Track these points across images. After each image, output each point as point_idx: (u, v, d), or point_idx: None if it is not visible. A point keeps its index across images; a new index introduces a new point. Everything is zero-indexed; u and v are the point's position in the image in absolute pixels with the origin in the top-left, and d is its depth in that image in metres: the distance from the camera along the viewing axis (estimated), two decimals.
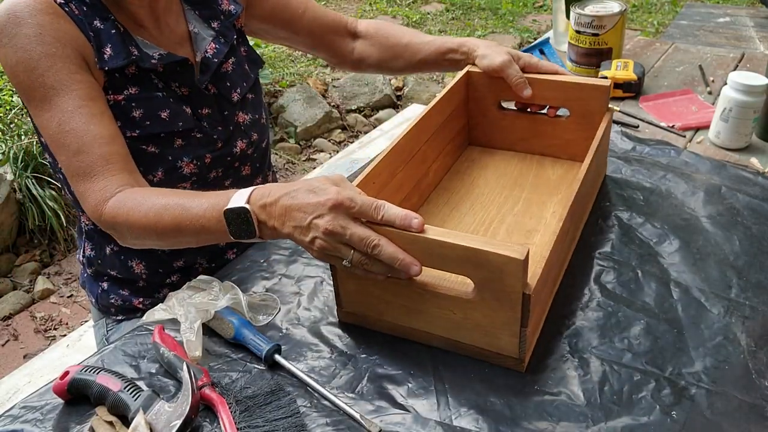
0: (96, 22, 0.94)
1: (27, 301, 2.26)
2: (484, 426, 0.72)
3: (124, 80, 0.97)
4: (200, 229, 0.82)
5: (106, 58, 0.94)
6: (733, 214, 1.03)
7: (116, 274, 1.12)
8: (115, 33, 0.95)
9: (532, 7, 4.79)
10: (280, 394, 0.76)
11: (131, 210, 0.86)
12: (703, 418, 0.72)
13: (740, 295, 0.88)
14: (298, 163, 3.02)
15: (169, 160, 1.02)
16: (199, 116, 1.04)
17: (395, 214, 0.73)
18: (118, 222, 0.87)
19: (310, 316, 0.89)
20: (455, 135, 1.16)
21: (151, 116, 0.98)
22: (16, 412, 0.77)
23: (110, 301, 1.14)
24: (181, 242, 0.89)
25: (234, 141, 1.09)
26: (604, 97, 1.04)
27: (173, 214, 0.83)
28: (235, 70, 1.10)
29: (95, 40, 0.93)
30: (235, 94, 1.09)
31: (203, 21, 1.08)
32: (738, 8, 2.55)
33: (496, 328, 0.76)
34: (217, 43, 1.07)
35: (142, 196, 0.87)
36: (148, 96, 0.98)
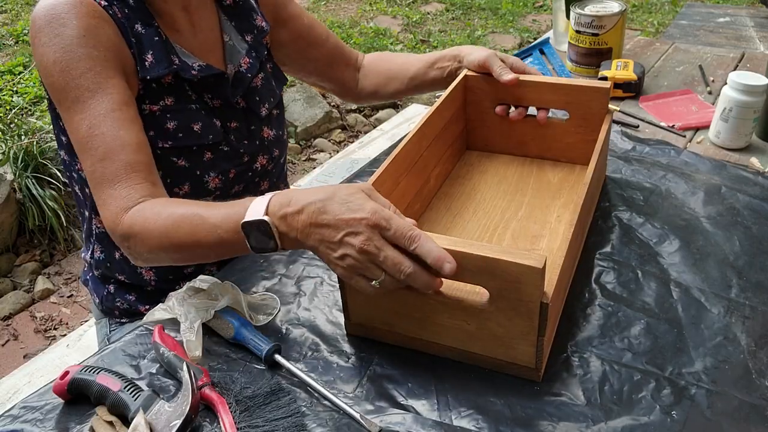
0: (138, 26, 0.93)
1: (27, 301, 2.26)
2: (484, 426, 0.72)
3: (161, 90, 0.96)
4: (218, 241, 0.78)
5: (148, 65, 0.93)
6: (733, 214, 1.03)
7: (125, 279, 1.11)
8: (158, 40, 0.94)
9: (532, 7, 4.79)
10: (280, 394, 0.76)
11: (148, 220, 0.82)
12: (703, 418, 0.72)
13: (740, 294, 0.88)
14: (298, 163, 3.02)
15: (196, 174, 1.02)
16: (227, 129, 1.04)
17: (429, 249, 0.68)
18: (134, 231, 0.83)
19: (310, 316, 0.89)
20: (454, 139, 1.16)
21: (184, 128, 0.98)
22: (16, 412, 0.77)
23: (115, 304, 1.13)
24: (199, 255, 0.84)
25: (257, 156, 1.10)
26: (604, 99, 1.04)
27: (191, 224, 0.79)
28: (264, 86, 1.11)
29: (137, 46, 0.93)
30: (263, 108, 1.09)
31: (238, 33, 1.07)
32: (738, 8, 2.55)
33: (512, 338, 0.74)
34: (251, 57, 1.07)
35: (161, 206, 0.84)
36: (182, 108, 0.98)
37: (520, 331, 0.73)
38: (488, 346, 0.77)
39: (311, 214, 0.70)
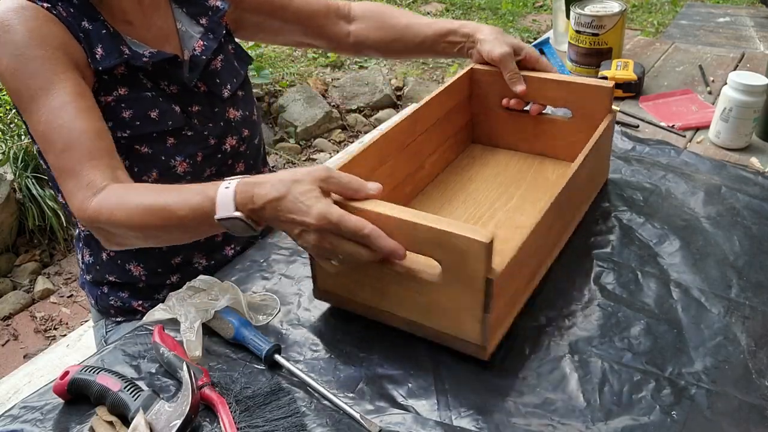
0: (84, 22, 0.94)
1: (27, 301, 2.26)
2: (484, 426, 0.72)
3: (114, 81, 0.97)
4: (192, 230, 0.85)
5: (98, 58, 0.95)
6: (733, 214, 1.03)
7: (115, 278, 1.12)
8: (105, 33, 0.95)
9: (532, 7, 4.79)
10: (280, 394, 0.76)
11: (114, 212, 0.84)
12: (703, 418, 0.72)
13: (740, 295, 0.88)
14: (298, 163, 3.02)
15: (162, 160, 1.02)
16: (189, 114, 1.04)
17: (381, 247, 0.73)
18: (102, 221, 0.85)
19: (310, 316, 0.89)
20: (457, 131, 1.16)
21: (140, 116, 0.98)
22: (16, 412, 0.77)
23: (110, 303, 1.14)
24: (171, 241, 0.92)
25: (225, 138, 1.09)
26: (607, 98, 1.04)
27: (160, 217, 0.82)
28: (225, 67, 1.10)
29: (85, 41, 0.94)
30: (225, 90, 1.09)
31: (191, 18, 1.08)
32: (738, 8, 2.55)
33: (460, 312, 0.76)
34: (206, 40, 1.07)
35: (126, 194, 0.85)
36: (137, 96, 0.98)
37: (467, 306, 0.75)
38: (438, 319, 0.79)
39: (272, 211, 0.75)
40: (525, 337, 0.83)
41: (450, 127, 1.13)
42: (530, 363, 0.79)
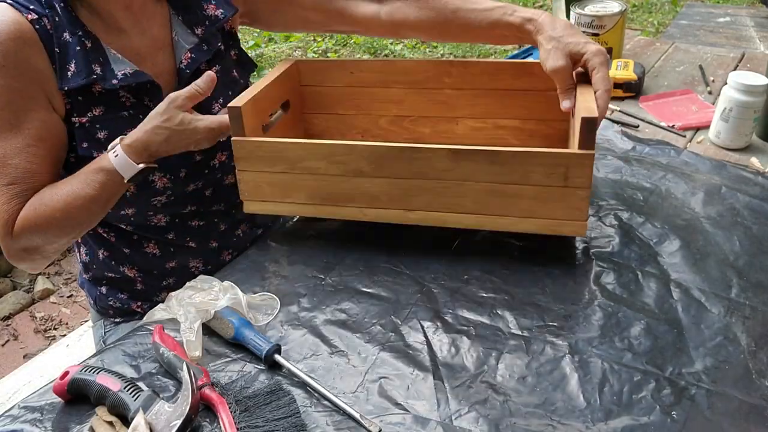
0: (66, 35, 0.93)
1: (27, 301, 2.26)
2: (484, 426, 0.72)
3: (89, 101, 0.96)
4: (104, 201, 0.95)
5: (69, 75, 0.93)
6: (734, 214, 1.03)
7: (113, 276, 1.12)
8: (81, 49, 0.93)
9: (532, 7, 4.78)
10: (280, 394, 0.76)
11: (34, 219, 0.93)
12: (703, 418, 0.72)
13: (740, 294, 0.88)
14: None
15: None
16: None
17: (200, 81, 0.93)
18: (30, 240, 0.94)
19: (310, 316, 0.89)
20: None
21: (116, 136, 0.96)
22: (16, 412, 0.77)
23: (109, 303, 1.14)
24: (92, 221, 0.99)
25: (214, 153, 1.06)
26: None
27: (76, 204, 0.93)
28: (220, 79, 1.04)
29: (60, 57, 0.93)
30: (216, 105, 1.05)
31: (186, 27, 1.04)
32: (738, 8, 2.55)
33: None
34: (195, 52, 1.03)
35: (38, 200, 0.93)
36: (113, 117, 0.97)
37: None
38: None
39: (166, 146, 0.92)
40: (525, 337, 0.83)
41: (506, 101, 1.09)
42: (530, 363, 0.79)
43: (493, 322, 0.86)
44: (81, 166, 0.96)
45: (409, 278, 0.94)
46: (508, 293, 0.90)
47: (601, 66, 0.91)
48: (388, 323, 0.86)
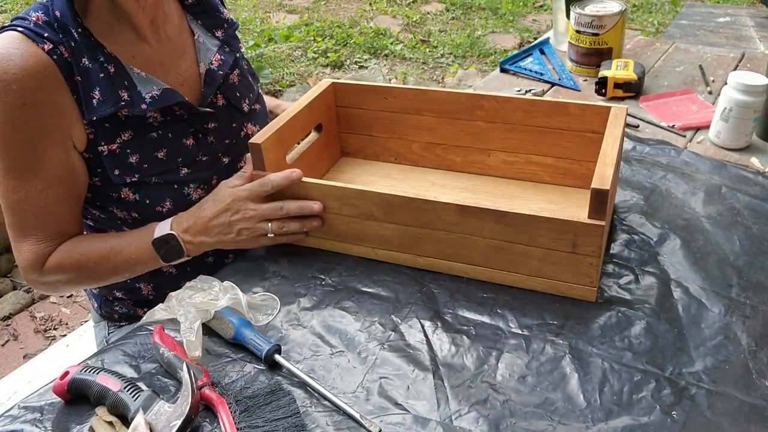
0: (85, 60, 0.91)
1: (27, 301, 2.26)
2: (484, 426, 0.72)
3: (117, 127, 0.94)
4: (133, 265, 0.97)
5: (95, 103, 0.91)
6: (734, 213, 1.03)
7: (122, 295, 1.11)
8: (104, 75, 0.92)
9: (532, 7, 4.78)
10: (280, 394, 0.76)
11: (66, 268, 0.96)
12: (703, 418, 0.72)
13: (741, 294, 0.88)
14: None
15: (175, 189, 1.00)
16: (204, 132, 1.02)
17: (278, 176, 0.93)
18: (59, 278, 0.97)
19: (310, 316, 0.89)
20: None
21: (147, 159, 0.97)
22: (16, 412, 0.77)
23: (114, 309, 1.13)
24: (119, 279, 1.01)
25: (241, 155, 1.07)
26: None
27: (108, 260, 0.96)
28: (242, 82, 1.09)
29: (83, 85, 0.91)
30: (244, 104, 1.08)
31: (207, 30, 1.05)
32: (738, 8, 2.55)
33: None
34: (222, 54, 1.05)
35: (76, 245, 0.97)
36: (142, 140, 0.96)
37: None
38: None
39: (200, 221, 0.94)
40: (525, 337, 0.83)
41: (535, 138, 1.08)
42: (530, 363, 0.79)
43: (493, 322, 0.86)
44: (109, 191, 0.97)
45: (409, 278, 0.94)
46: (508, 293, 0.90)
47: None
48: (388, 323, 0.86)
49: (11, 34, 0.89)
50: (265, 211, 0.93)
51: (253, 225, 0.93)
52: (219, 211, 0.93)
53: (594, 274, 0.84)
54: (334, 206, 0.96)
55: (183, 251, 0.95)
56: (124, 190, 0.97)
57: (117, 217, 1.01)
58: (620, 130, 0.92)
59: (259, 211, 0.93)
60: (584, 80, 1.57)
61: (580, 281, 0.86)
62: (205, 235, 0.94)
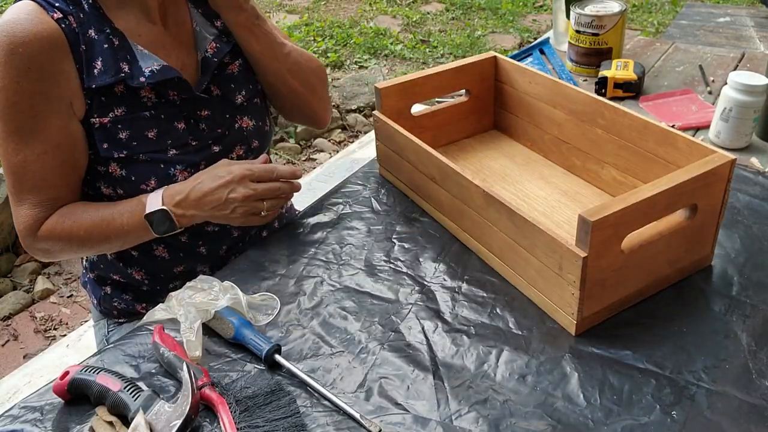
0: (91, 31, 0.94)
1: (27, 301, 2.26)
2: (484, 426, 0.72)
3: (111, 101, 0.96)
4: (126, 234, 0.98)
5: (96, 73, 0.94)
6: (734, 213, 1.03)
7: (119, 278, 1.11)
8: (107, 48, 0.94)
9: (532, 7, 4.78)
10: (280, 394, 0.76)
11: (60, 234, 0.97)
12: (703, 418, 0.72)
13: (741, 293, 0.88)
14: (298, 163, 3.02)
15: (161, 168, 1.00)
16: (197, 119, 1.02)
17: (284, 170, 0.98)
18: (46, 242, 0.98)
19: (310, 316, 0.89)
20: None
21: (137, 137, 0.98)
22: (16, 412, 0.77)
23: (113, 304, 1.13)
24: (111, 249, 1.03)
25: (232, 146, 1.07)
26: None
27: (100, 228, 0.97)
28: (241, 73, 1.08)
29: (86, 54, 0.93)
30: (239, 96, 1.07)
31: (206, 19, 1.06)
32: (738, 8, 2.55)
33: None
34: (219, 42, 1.05)
35: (69, 215, 0.97)
36: (134, 117, 0.97)
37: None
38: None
39: (193, 194, 0.95)
40: (525, 337, 0.83)
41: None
42: (530, 363, 0.79)
43: (493, 322, 0.86)
44: (97, 165, 0.98)
45: (409, 278, 0.94)
46: (508, 293, 0.90)
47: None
48: (388, 323, 0.86)
49: (25, 2, 0.93)
50: (263, 190, 0.96)
51: (250, 204, 0.96)
52: (216, 186, 0.94)
53: (574, 304, 0.80)
54: (412, 159, 1.05)
55: (175, 224, 0.96)
56: (112, 164, 0.98)
57: (104, 194, 1.02)
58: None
59: (258, 191, 0.96)
60: (584, 80, 1.57)
61: (564, 308, 0.83)
62: (198, 209, 0.95)
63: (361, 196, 1.13)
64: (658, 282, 0.88)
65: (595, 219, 0.74)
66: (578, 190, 1.09)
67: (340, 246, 1.01)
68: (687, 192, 0.81)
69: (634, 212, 0.77)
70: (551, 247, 0.80)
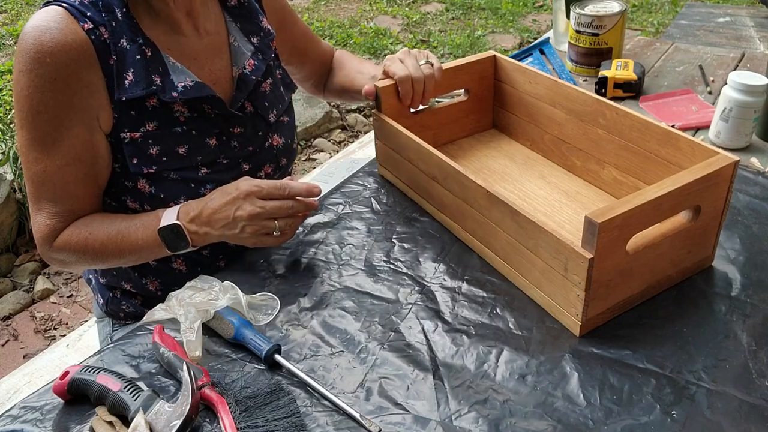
0: (123, 41, 0.92)
1: (27, 301, 2.26)
2: (484, 426, 0.72)
3: (143, 115, 0.94)
4: (139, 250, 0.95)
5: (127, 84, 0.92)
6: (734, 213, 1.03)
7: (130, 288, 1.11)
8: (140, 59, 0.92)
9: (532, 7, 4.79)
10: (280, 394, 0.76)
11: (75, 247, 0.95)
12: (703, 418, 0.72)
13: (741, 293, 0.88)
14: (298, 163, 3.02)
15: (191, 187, 0.99)
16: (229, 136, 1.01)
17: (297, 187, 0.91)
18: (63, 257, 0.97)
19: (310, 316, 0.89)
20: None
21: (168, 153, 0.96)
22: (16, 412, 0.77)
23: (121, 307, 1.13)
24: (126, 263, 1.00)
25: (262, 165, 1.07)
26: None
27: (115, 242, 0.95)
28: (273, 91, 1.08)
29: (117, 65, 0.91)
30: (272, 115, 1.07)
31: (244, 35, 1.05)
32: (738, 8, 2.55)
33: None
34: (256, 60, 1.04)
35: (85, 228, 0.96)
36: (165, 132, 0.96)
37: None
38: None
39: (205, 211, 0.91)
40: (525, 337, 0.83)
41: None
42: (530, 363, 0.79)
43: (493, 322, 0.86)
44: (125, 180, 0.97)
45: (409, 278, 0.94)
46: (508, 293, 0.90)
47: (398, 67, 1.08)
48: (388, 323, 0.86)
49: (55, 8, 0.90)
50: (272, 208, 0.90)
51: (258, 223, 0.90)
52: (224, 203, 0.90)
53: (579, 306, 0.80)
54: (413, 158, 1.05)
55: (188, 241, 0.92)
56: (141, 181, 0.97)
57: (129, 208, 1.01)
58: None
59: (266, 209, 0.89)
60: (584, 80, 1.57)
61: (568, 309, 0.82)
62: (210, 226, 0.91)
63: (361, 196, 1.13)
64: (661, 283, 0.87)
65: (602, 221, 0.74)
66: (578, 190, 1.09)
67: (340, 246, 1.01)
68: (691, 193, 0.81)
69: (640, 214, 0.77)
70: (557, 248, 0.80)
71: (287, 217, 0.91)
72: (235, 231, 0.91)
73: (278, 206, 0.90)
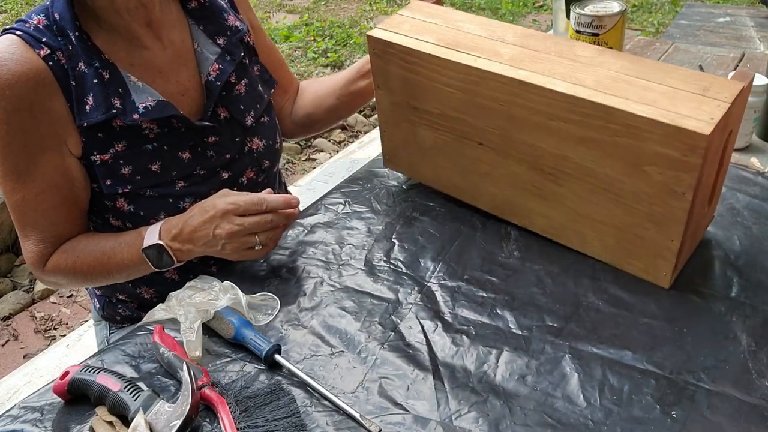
0: (81, 65, 0.90)
1: (27, 301, 2.26)
2: (484, 426, 0.72)
3: (110, 136, 0.93)
4: (126, 269, 0.95)
5: (87, 110, 0.90)
6: (734, 214, 1.03)
7: (125, 297, 1.11)
8: (99, 82, 0.90)
9: (532, 7, 4.79)
10: (280, 394, 0.76)
11: (65, 270, 0.96)
12: (703, 418, 0.72)
13: (741, 294, 0.88)
14: (297, 163, 3.02)
15: (170, 203, 0.98)
16: (204, 146, 0.99)
17: (275, 200, 0.90)
18: (54, 280, 0.98)
19: (310, 316, 0.89)
20: None
21: (140, 171, 0.95)
22: (16, 412, 0.77)
23: (117, 311, 1.13)
24: (117, 280, 1.00)
25: (242, 170, 1.04)
26: None
27: (101, 263, 0.95)
28: (248, 93, 1.04)
29: (76, 90, 0.90)
30: (249, 118, 1.03)
31: (208, 37, 1.01)
32: (738, 8, 2.55)
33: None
34: (221, 62, 1.00)
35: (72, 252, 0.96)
36: (136, 151, 0.94)
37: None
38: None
39: (186, 229, 0.90)
40: (525, 337, 0.83)
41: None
42: (530, 363, 0.79)
43: (493, 322, 0.86)
44: (104, 200, 0.97)
45: (409, 278, 0.94)
46: (508, 293, 0.90)
47: None
48: (388, 323, 0.86)
49: (10, 38, 0.89)
50: (251, 224, 0.89)
51: (238, 240, 0.89)
52: (202, 222, 0.89)
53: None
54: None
55: (173, 259, 0.92)
56: (119, 200, 0.97)
57: (113, 225, 1.01)
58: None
59: (244, 226, 0.88)
60: None
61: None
62: (192, 244, 0.91)
63: (361, 196, 1.13)
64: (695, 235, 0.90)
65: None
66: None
67: (340, 246, 1.01)
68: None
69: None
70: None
71: (268, 231, 0.91)
72: (216, 248, 0.91)
73: (257, 222, 0.89)
